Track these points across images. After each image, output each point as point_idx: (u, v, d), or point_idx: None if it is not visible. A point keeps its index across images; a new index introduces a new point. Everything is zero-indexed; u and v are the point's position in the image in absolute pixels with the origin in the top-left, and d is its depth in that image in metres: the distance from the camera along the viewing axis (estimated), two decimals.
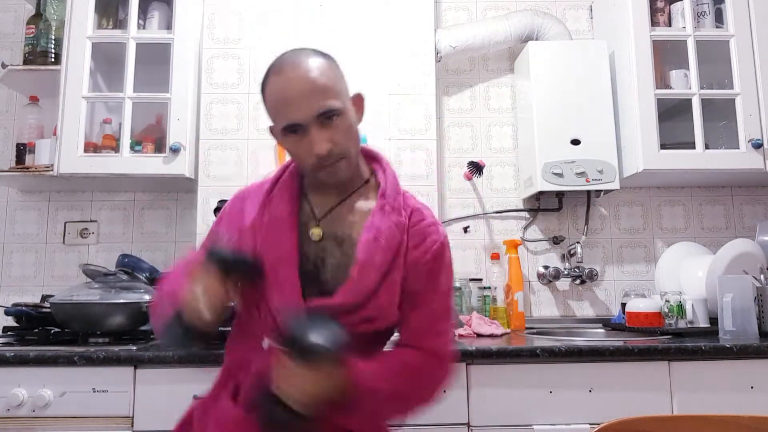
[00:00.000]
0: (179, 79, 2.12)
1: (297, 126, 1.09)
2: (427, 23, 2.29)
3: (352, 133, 1.14)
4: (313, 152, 1.08)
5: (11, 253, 2.36)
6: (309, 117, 1.08)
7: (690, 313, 1.98)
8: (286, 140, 1.13)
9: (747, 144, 2.12)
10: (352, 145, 1.14)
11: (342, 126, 1.11)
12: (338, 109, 1.10)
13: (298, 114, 1.08)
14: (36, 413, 1.59)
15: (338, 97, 1.11)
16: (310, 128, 1.08)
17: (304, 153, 1.11)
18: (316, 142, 1.08)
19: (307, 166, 1.13)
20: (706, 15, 2.23)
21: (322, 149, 1.08)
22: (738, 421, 0.85)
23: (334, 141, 1.09)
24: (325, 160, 1.09)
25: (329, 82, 1.10)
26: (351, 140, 1.13)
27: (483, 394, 1.65)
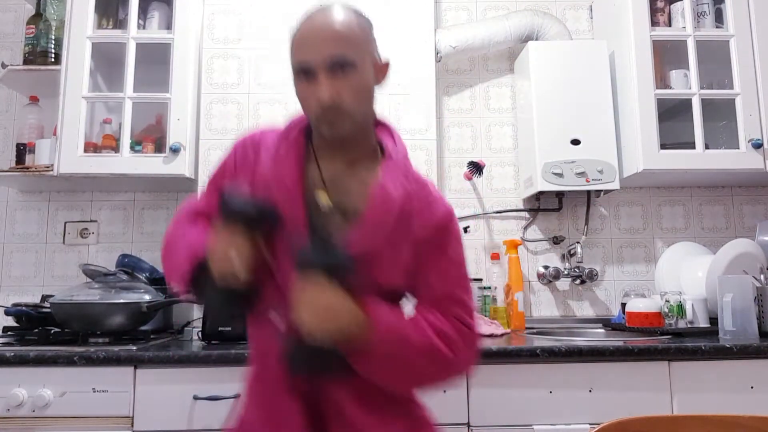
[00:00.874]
0: (179, 79, 2.12)
1: (307, 68, 1.06)
2: (427, 23, 2.29)
3: (362, 92, 1.10)
4: (317, 99, 1.05)
5: (11, 253, 2.36)
6: (320, 60, 1.04)
7: (690, 313, 1.98)
8: (297, 83, 1.09)
9: (747, 144, 2.12)
10: (360, 105, 1.09)
11: (353, 81, 1.07)
12: (352, 61, 1.06)
13: (310, 55, 1.05)
14: (36, 413, 1.60)
15: (356, 52, 1.08)
16: (319, 74, 1.05)
17: (310, 100, 1.07)
18: (322, 90, 1.04)
19: (311, 116, 1.09)
20: (706, 15, 2.23)
21: (325, 97, 1.04)
22: (738, 421, 0.85)
23: (342, 95, 1.05)
24: (328, 112, 1.05)
25: (351, 34, 1.08)
26: (360, 100, 1.09)
27: (483, 394, 1.65)
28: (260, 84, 2.23)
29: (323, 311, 0.97)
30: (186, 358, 1.63)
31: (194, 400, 1.61)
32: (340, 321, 0.98)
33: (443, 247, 1.14)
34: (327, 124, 1.07)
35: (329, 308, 0.97)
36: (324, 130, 1.08)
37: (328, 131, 1.08)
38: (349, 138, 1.12)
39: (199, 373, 1.64)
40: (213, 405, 1.61)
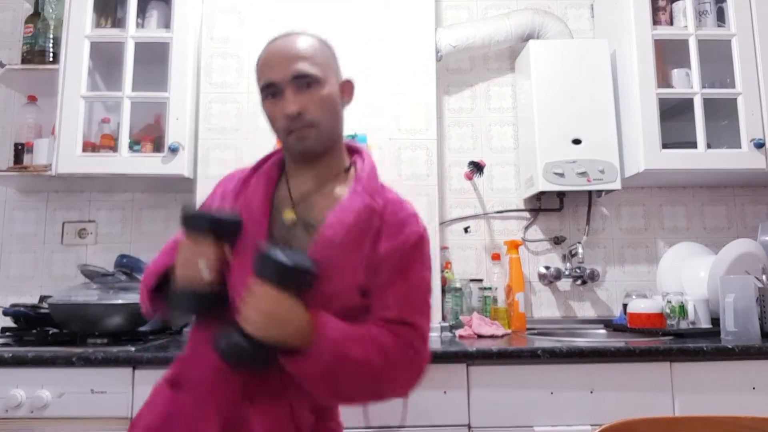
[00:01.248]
0: (178, 79, 2.11)
1: (273, 86, 1.12)
2: (428, 22, 2.28)
3: (327, 105, 1.14)
4: (284, 113, 1.11)
5: (9, 254, 2.35)
6: (284, 77, 1.11)
7: (692, 313, 1.97)
8: (264, 104, 1.16)
9: (749, 144, 2.11)
10: (325, 117, 1.14)
11: (317, 95, 1.13)
12: (314, 76, 1.12)
13: (275, 73, 1.12)
14: (34, 414, 1.59)
15: (320, 68, 1.14)
16: (285, 90, 1.11)
17: (277, 115, 1.13)
18: (288, 103, 1.11)
19: (279, 130, 1.15)
20: (707, 14, 2.23)
21: (291, 109, 1.10)
22: (740, 422, 0.85)
23: (306, 107, 1.11)
24: (294, 123, 1.11)
25: (312, 52, 1.14)
26: (325, 112, 1.14)
27: (484, 395, 1.64)
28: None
29: (268, 315, 0.99)
30: None
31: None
32: (283, 328, 1.00)
33: (406, 269, 1.13)
34: (294, 137, 1.13)
35: (274, 313, 0.99)
36: (291, 143, 1.14)
37: (296, 144, 1.14)
38: (318, 153, 1.17)
39: None
40: None
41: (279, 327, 1.00)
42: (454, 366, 1.63)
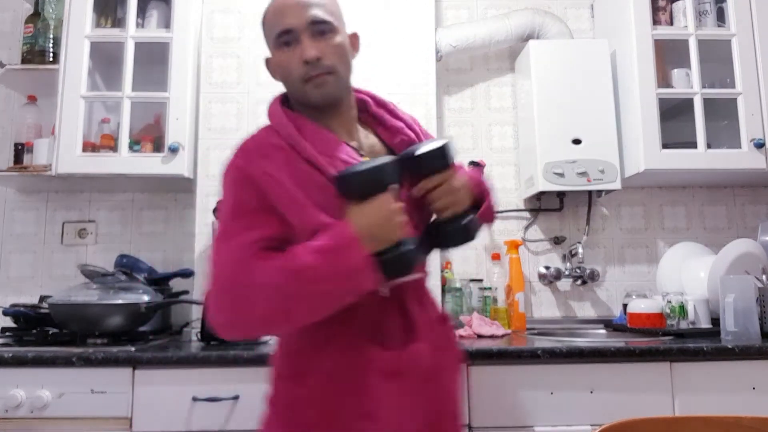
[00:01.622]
0: (178, 79, 2.11)
1: (290, 33, 1.11)
2: (428, 22, 2.28)
3: (343, 52, 1.15)
4: (302, 58, 1.10)
5: (9, 254, 2.35)
6: (302, 22, 1.11)
7: (692, 313, 1.97)
8: (278, 54, 1.15)
9: (749, 144, 2.11)
10: (342, 63, 1.15)
11: (334, 42, 1.13)
12: (331, 23, 1.14)
13: (292, 19, 1.11)
14: (34, 414, 1.59)
15: (334, 17, 1.15)
16: (301, 36, 1.11)
17: (294, 63, 1.11)
18: (306, 49, 1.10)
19: (296, 79, 1.13)
20: (707, 14, 2.23)
21: (310, 54, 1.09)
22: (740, 422, 0.85)
23: (324, 53, 1.11)
24: (313, 68, 1.10)
25: (326, 1, 1.16)
26: (342, 58, 1.14)
27: (484, 395, 1.64)
28: (259, 83, 2.22)
29: (465, 187, 1.18)
30: (185, 359, 1.62)
31: (193, 401, 1.61)
32: (470, 191, 1.21)
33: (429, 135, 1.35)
34: (314, 84, 1.12)
35: (466, 184, 1.18)
36: (311, 91, 1.13)
37: (315, 90, 1.13)
38: (337, 100, 1.17)
39: (198, 374, 1.63)
40: (212, 406, 1.60)
41: (470, 192, 1.19)
42: None
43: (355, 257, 1.00)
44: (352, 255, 1.00)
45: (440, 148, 1.13)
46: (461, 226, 1.16)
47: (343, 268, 1.00)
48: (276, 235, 1.06)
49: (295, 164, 1.09)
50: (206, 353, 1.63)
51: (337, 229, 1.03)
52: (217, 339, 1.84)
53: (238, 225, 1.06)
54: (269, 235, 1.05)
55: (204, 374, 1.63)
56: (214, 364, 1.62)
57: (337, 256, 1.00)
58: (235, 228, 1.06)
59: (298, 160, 1.10)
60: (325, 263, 1.00)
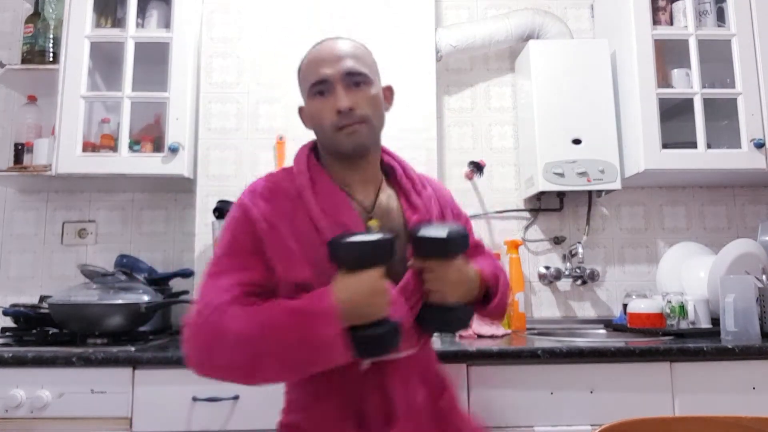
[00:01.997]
0: (178, 79, 2.11)
1: (325, 83, 1.13)
2: (428, 22, 2.28)
3: (377, 104, 1.17)
4: (335, 108, 1.11)
5: (9, 254, 2.35)
6: (337, 73, 1.12)
7: (692, 313, 1.97)
8: (311, 103, 1.16)
9: (749, 144, 2.11)
10: (375, 116, 1.16)
11: (368, 94, 1.15)
12: (366, 75, 1.15)
13: (327, 69, 1.13)
14: (34, 414, 1.59)
15: (369, 69, 1.17)
16: (336, 86, 1.12)
17: (327, 112, 1.13)
18: (340, 98, 1.11)
19: (328, 128, 1.13)
20: (707, 14, 2.23)
21: (344, 104, 1.10)
22: (740, 422, 0.85)
23: (358, 103, 1.12)
24: (346, 117, 1.11)
25: (362, 54, 1.18)
26: (375, 110, 1.16)
27: (484, 395, 1.64)
28: (260, 83, 2.22)
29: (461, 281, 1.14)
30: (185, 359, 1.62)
31: (193, 401, 1.61)
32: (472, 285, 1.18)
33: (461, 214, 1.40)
34: (345, 133, 1.12)
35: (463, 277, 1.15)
36: (342, 139, 1.13)
37: (347, 139, 1.13)
38: (368, 150, 1.18)
39: None
40: (212, 406, 1.60)
41: (468, 287, 1.17)
42: (454, 366, 1.63)
43: (327, 328, 0.99)
44: (324, 325, 0.99)
45: (442, 239, 1.10)
46: (441, 315, 1.14)
47: (312, 336, 0.99)
48: (260, 281, 1.08)
49: (300, 215, 1.12)
50: None
51: (317, 294, 1.02)
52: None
53: (228, 264, 1.09)
54: (254, 280, 1.07)
55: None
56: None
57: (308, 322, 0.99)
58: (224, 266, 1.09)
59: (304, 212, 1.12)
60: (295, 327, 0.99)
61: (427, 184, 1.30)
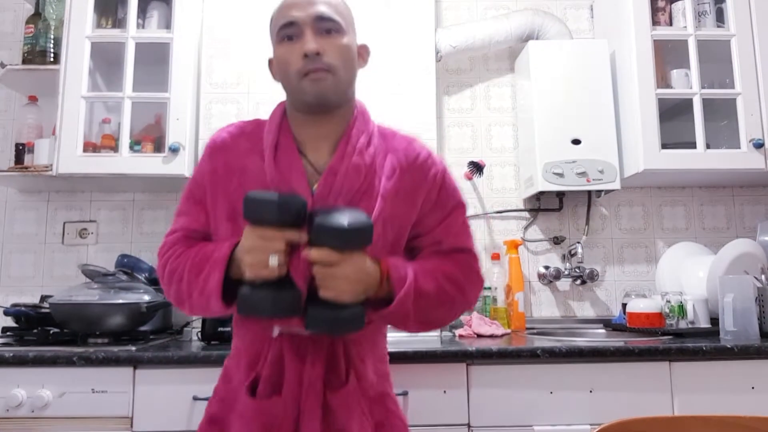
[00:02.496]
0: (178, 79, 2.12)
1: (293, 26, 1.08)
2: (428, 23, 2.28)
3: (346, 54, 1.10)
4: (302, 51, 1.06)
5: (10, 254, 2.35)
6: (306, 16, 1.07)
7: (691, 313, 1.97)
8: (279, 49, 1.11)
9: (748, 144, 2.11)
10: (344, 66, 1.10)
11: (338, 42, 1.09)
12: (337, 23, 1.09)
13: (296, 12, 1.08)
14: (35, 414, 1.59)
15: (342, 19, 1.11)
16: (305, 30, 1.07)
17: (293, 56, 1.07)
18: (308, 42, 1.06)
19: (293, 74, 1.08)
20: (707, 14, 2.23)
21: (311, 47, 1.05)
22: (739, 421, 0.85)
23: (326, 50, 1.07)
24: (312, 62, 1.06)
25: (337, 3, 1.12)
26: (344, 61, 1.10)
27: (483, 395, 1.64)
28: (260, 84, 2.22)
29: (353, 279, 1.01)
30: (185, 359, 1.62)
31: (194, 400, 1.61)
32: (368, 285, 1.04)
33: (444, 202, 1.20)
34: (310, 79, 1.07)
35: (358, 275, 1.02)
36: (306, 86, 1.08)
37: (311, 86, 1.08)
38: (332, 104, 1.12)
39: (199, 373, 1.63)
40: None
41: (365, 286, 1.04)
42: (454, 365, 1.63)
43: (211, 275, 1.05)
44: (213, 272, 1.05)
45: (343, 230, 0.99)
46: (324, 313, 1.02)
47: (204, 280, 1.06)
48: (199, 228, 1.17)
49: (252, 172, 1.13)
50: (207, 353, 1.63)
51: (224, 243, 1.08)
52: (218, 338, 1.84)
53: (181, 207, 1.21)
54: (193, 227, 1.17)
55: (205, 374, 1.63)
56: (214, 363, 1.62)
57: (204, 266, 1.07)
58: (180, 209, 1.21)
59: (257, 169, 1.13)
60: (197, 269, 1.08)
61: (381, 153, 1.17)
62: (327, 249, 1.00)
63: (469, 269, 1.18)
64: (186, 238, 1.17)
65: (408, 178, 1.16)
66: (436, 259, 1.16)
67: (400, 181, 1.15)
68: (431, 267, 1.13)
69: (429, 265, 1.13)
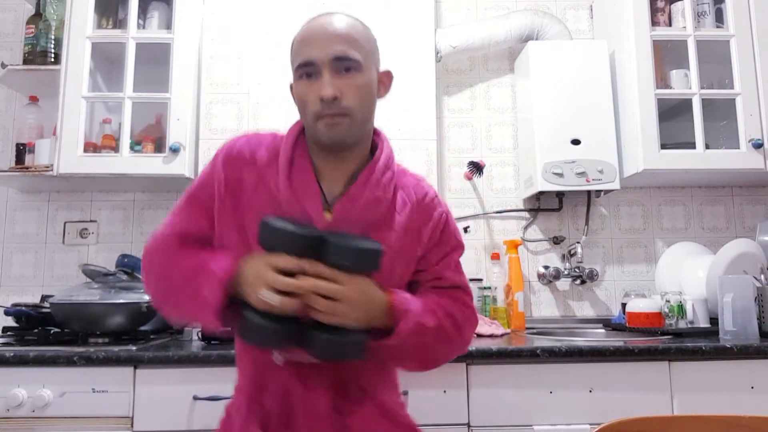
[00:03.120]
0: (179, 79, 2.12)
1: (311, 65, 1.06)
2: (428, 23, 2.28)
3: (364, 94, 1.09)
4: (319, 95, 1.04)
5: (11, 253, 2.36)
6: (325, 57, 1.05)
7: (690, 313, 1.97)
8: (298, 85, 1.09)
9: (747, 144, 2.11)
10: (361, 107, 1.08)
11: (356, 82, 1.07)
12: (356, 61, 1.07)
13: (315, 52, 1.06)
14: (36, 413, 1.59)
15: (361, 54, 1.08)
16: (323, 71, 1.05)
17: (311, 97, 1.06)
18: (324, 86, 1.04)
19: (309, 114, 1.07)
20: (706, 15, 2.23)
21: (328, 92, 1.03)
22: (738, 421, 0.85)
23: (343, 92, 1.05)
24: (328, 107, 1.04)
25: (357, 36, 1.09)
26: (361, 101, 1.08)
27: (483, 395, 1.64)
28: (260, 84, 2.22)
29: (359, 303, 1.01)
30: (186, 359, 1.63)
31: (194, 400, 1.61)
32: (374, 312, 1.04)
33: (446, 241, 1.21)
34: (326, 124, 1.06)
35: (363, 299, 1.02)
36: (321, 129, 1.07)
37: (325, 131, 1.07)
38: (347, 145, 1.11)
39: (199, 373, 1.63)
40: (213, 405, 1.60)
41: (370, 313, 1.03)
42: (454, 365, 1.64)
43: (208, 287, 1.03)
44: (208, 284, 1.03)
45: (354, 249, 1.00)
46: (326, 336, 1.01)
47: (194, 290, 1.04)
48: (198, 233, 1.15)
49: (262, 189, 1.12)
50: (207, 352, 1.63)
51: (221, 255, 1.07)
52: (218, 338, 1.84)
53: (182, 208, 1.18)
54: (192, 231, 1.15)
55: (205, 373, 1.63)
56: (215, 363, 1.63)
57: (199, 276, 1.04)
58: (180, 208, 1.19)
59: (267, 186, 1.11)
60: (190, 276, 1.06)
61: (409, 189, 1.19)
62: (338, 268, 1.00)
63: (466, 306, 1.20)
64: (180, 240, 1.14)
65: (416, 216, 1.17)
66: (435, 296, 1.17)
67: (410, 217, 1.16)
68: (432, 304, 1.13)
69: (430, 302, 1.13)
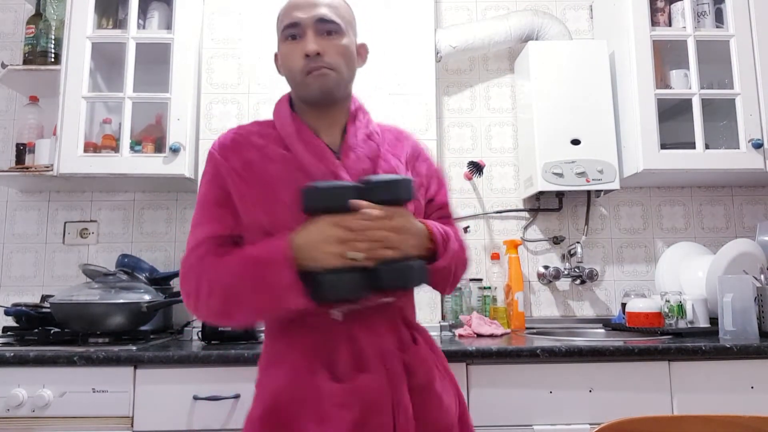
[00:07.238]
0: (179, 79, 2.12)
1: (296, 26, 1.15)
2: (427, 23, 2.28)
3: (346, 54, 1.17)
4: (304, 51, 1.13)
5: (11, 253, 2.36)
6: (309, 18, 1.14)
7: (690, 313, 1.98)
8: (283, 47, 1.18)
9: (747, 144, 2.12)
10: (344, 64, 1.16)
11: (337, 43, 1.15)
12: (337, 25, 1.16)
13: (300, 14, 1.15)
14: (36, 413, 1.60)
15: (343, 21, 1.17)
16: (307, 31, 1.14)
17: (296, 55, 1.14)
18: (309, 42, 1.13)
19: (297, 72, 1.15)
20: (706, 15, 2.23)
21: (312, 47, 1.12)
22: (738, 421, 0.85)
23: (326, 51, 1.14)
24: (313, 61, 1.13)
25: (337, 5, 1.18)
26: (344, 59, 1.16)
27: (483, 394, 1.65)
28: (260, 84, 2.22)
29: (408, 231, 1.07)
30: (186, 358, 1.63)
31: (194, 400, 1.62)
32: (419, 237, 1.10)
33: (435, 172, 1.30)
34: (315, 76, 1.14)
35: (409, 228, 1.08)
36: (310, 82, 1.14)
37: (315, 82, 1.14)
38: (335, 98, 1.18)
39: (199, 373, 1.64)
40: (213, 405, 1.61)
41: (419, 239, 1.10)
42: (454, 365, 1.63)
43: (278, 275, 1.02)
44: (275, 272, 1.02)
45: (393, 180, 1.06)
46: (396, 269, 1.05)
47: (266, 283, 1.03)
48: (229, 231, 1.14)
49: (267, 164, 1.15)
50: (207, 352, 1.63)
51: (272, 242, 1.06)
52: (218, 338, 1.85)
53: (202, 215, 1.16)
54: (223, 231, 1.13)
55: (205, 373, 1.64)
56: (215, 363, 1.63)
57: (261, 269, 1.03)
58: (200, 218, 1.16)
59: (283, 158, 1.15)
60: (251, 275, 1.04)
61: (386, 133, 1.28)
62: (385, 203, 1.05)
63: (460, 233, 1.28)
64: (216, 246, 1.12)
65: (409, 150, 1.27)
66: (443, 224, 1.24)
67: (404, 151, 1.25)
68: (448, 229, 1.21)
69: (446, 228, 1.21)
